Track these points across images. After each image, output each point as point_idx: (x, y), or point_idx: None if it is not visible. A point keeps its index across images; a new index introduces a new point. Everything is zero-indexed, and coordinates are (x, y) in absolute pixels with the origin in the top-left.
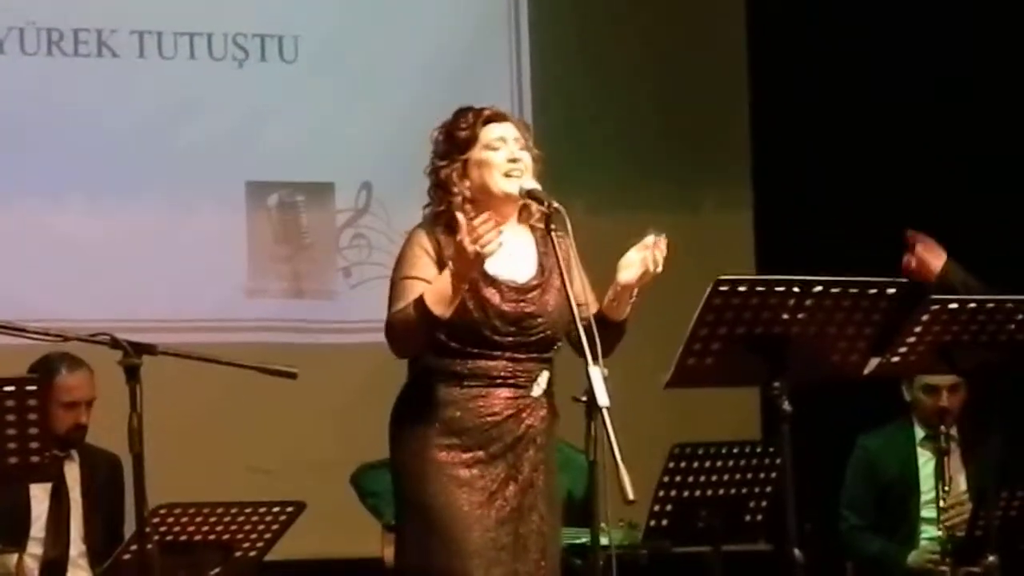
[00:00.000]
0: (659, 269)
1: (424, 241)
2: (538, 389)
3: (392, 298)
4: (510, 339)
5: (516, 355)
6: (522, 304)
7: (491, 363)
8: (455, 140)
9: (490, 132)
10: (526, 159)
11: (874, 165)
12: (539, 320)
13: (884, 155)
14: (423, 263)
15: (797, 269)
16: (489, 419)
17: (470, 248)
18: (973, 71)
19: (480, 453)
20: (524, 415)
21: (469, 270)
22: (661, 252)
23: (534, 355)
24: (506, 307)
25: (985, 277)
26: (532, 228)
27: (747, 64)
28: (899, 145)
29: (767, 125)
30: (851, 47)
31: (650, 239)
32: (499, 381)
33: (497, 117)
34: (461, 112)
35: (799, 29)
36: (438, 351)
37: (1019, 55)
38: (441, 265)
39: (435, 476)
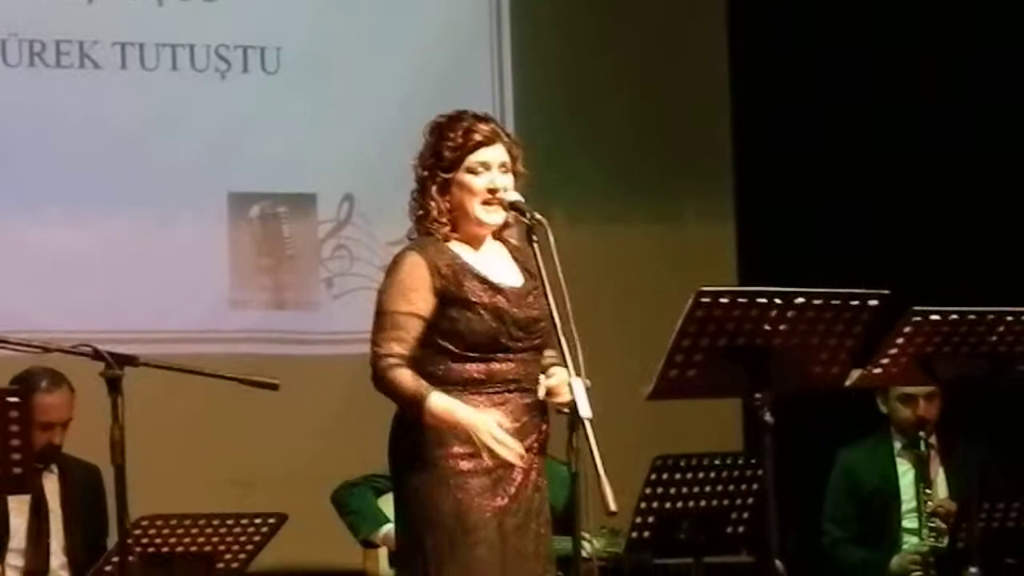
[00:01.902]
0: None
1: (418, 266)
2: (542, 391)
3: (381, 328)
4: (521, 343)
5: (524, 358)
6: (526, 308)
7: (505, 366)
8: (441, 156)
9: (476, 157)
10: (507, 184)
11: (857, 176)
12: (541, 324)
13: (866, 167)
14: (414, 292)
15: (779, 280)
16: (510, 426)
17: (488, 457)
18: (959, 79)
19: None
20: (536, 422)
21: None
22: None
23: (538, 357)
24: (516, 312)
25: (966, 287)
26: (504, 243)
27: (729, 76)
28: (882, 157)
29: (749, 136)
30: (834, 59)
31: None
32: (513, 386)
33: (487, 141)
34: (456, 122)
35: (782, 40)
36: (448, 358)
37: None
38: (437, 287)
39: (446, 489)
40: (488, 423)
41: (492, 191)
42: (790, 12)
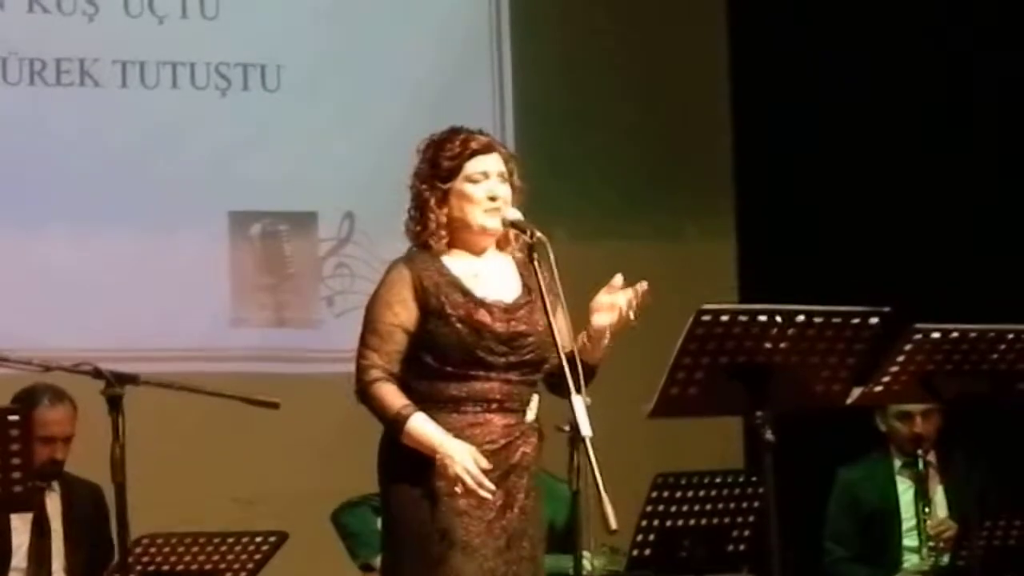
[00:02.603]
0: (634, 320)
1: (403, 278)
2: (531, 414)
3: (367, 335)
4: (503, 359)
5: (509, 376)
6: (513, 323)
7: (486, 385)
8: (438, 167)
9: (474, 165)
10: (506, 194)
11: (857, 194)
12: (530, 339)
13: (867, 185)
14: (398, 304)
15: (780, 298)
16: (486, 447)
17: (460, 489)
18: (960, 97)
19: None
20: (519, 443)
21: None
22: (639, 300)
23: (525, 376)
24: (498, 326)
25: (971, 305)
26: (511, 255)
27: (731, 92)
28: (882, 175)
29: (750, 154)
30: (835, 76)
31: (618, 280)
32: (495, 406)
33: (484, 149)
34: (451, 135)
35: (783, 58)
36: (430, 375)
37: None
38: (420, 299)
39: (432, 505)
40: (463, 456)
41: (492, 198)
42: (792, 23)
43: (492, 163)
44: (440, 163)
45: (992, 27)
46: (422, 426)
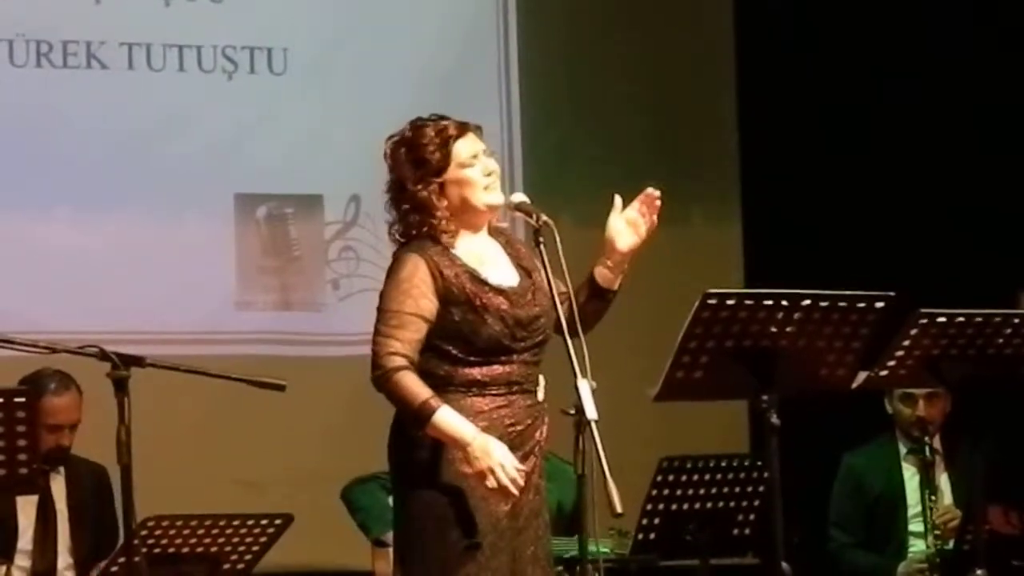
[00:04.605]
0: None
1: (421, 269)
2: (541, 393)
3: (383, 325)
4: (522, 343)
5: (524, 358)
6: (527, 307)
7: (507, 368)
8: (426, 162)
9: (462, 150)
10: (497, 166)
11: (863, 179)
12: (542, 320)
13: (873, 169)
14: (419, 293)
15: (785, 283)
16: (512, 429)
17: (492, 483)
18: (967, 80)
19: None
20: (539, 423)
21: (467, 465)
22: (653, 208)
23: (536, 357)
24: (519, 312)
25: (972, 285)
26: (495, 235)
27: (736, 78)
28: (889, 160)
29: (756, 139)
30: (841, 60)
31: (618, 201)
32: (516, 388)
33: (461, 132)
34: (420, 128)
35: (789, 43)
36: (452, 361)
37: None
38: (440, 289)
39: (455, 491)
40: (500, 452)
41: (489, 174)
42: (795, 14)
43: (476, 143)
44: (426, 158)
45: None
46: (450, 418)
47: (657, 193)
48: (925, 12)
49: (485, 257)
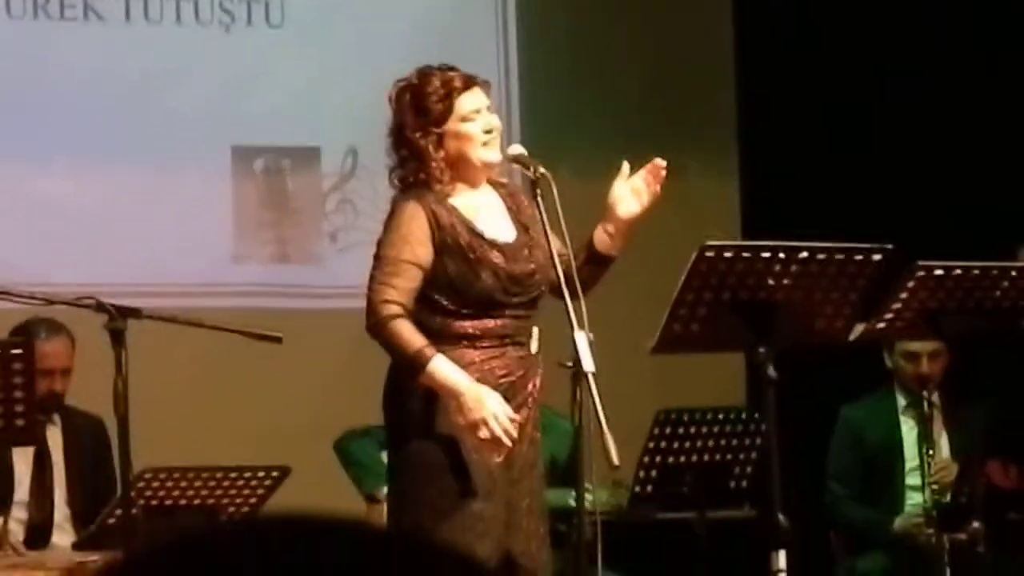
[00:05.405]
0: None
1: (419, 216)
2: (535, 345)
3: (379, 272)
4: (515, 299)
5: (518, 312)
6: (522, 262)
7: (499, 322)
8: (428, 112)
9: (465, 104)
10: (498, 124)
11: (860, 131)
12: (537, 277)
13: (870, 122)
14: (416, 241)
15: (783, 235)
16: (504, 380)
17: (485, 433)
18: (960, 47)
19: None
20: (531, 374)
21: (460, 415)
22: (658, 177)
23: (529, 312)
24: (514, 267)
25: (970, 242)
26: (496, 187)
27: (733, 30)
28: (885, 112)
29: (753, 90)
30: (839, 17)
31: (625, 167)
32: (507, 340)
33: (467, 85)
34: (426, 78)
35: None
36: (443, 313)
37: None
38: (436, 239)
39: (449, 441)
40: (493, 403)
41: (488, 131)
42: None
43: (480, 98)
44: (428, 108)
45: None
46: (444, 368)
47: (663, 163)
48: (926, 10)
49: (483, 211)
